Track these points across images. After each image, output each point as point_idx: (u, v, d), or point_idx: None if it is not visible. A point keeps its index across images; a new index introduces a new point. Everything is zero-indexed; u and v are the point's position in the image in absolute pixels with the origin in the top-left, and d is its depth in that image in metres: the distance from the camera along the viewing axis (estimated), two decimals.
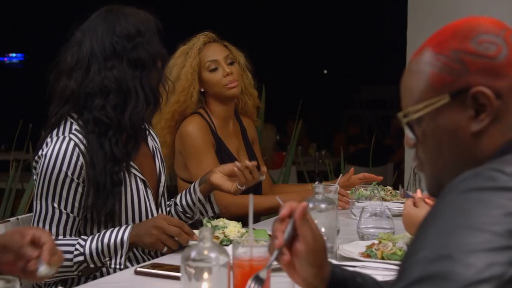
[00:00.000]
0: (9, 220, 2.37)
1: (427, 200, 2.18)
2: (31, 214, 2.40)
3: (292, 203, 1.39)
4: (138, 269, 2.02)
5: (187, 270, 1.44)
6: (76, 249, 2.18)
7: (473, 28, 1.14)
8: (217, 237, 2.27)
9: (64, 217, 2.22)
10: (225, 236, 2.29)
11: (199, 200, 2.57)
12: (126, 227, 2.21)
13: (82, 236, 2.23)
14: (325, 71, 15.72)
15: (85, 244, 2.18)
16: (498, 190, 0.91)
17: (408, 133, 1.19)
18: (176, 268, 1.84)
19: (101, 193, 2.22)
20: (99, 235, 2.21)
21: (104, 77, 2.24)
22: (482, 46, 1.11)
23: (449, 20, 1.20)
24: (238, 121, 3.18)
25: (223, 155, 2.98)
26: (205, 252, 1.44)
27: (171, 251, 2.20)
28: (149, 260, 2.33)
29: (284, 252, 1.36)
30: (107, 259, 2.18)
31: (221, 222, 2.34)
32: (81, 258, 2.18)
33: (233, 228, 2.31)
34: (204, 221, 2.39)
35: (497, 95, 1.09)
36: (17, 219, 2.40)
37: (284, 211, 1.38)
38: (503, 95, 1.09)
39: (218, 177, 2.52)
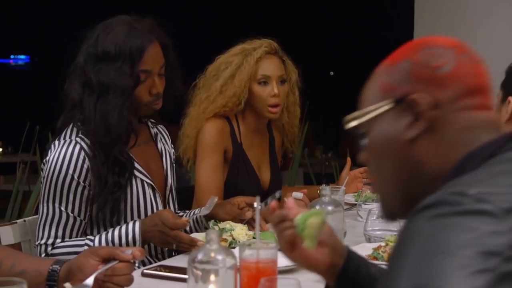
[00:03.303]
0: (16, 222, 2.37)
1: None
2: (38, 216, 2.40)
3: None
4: (145, 271, 2.02)
5: (194, 272, 1.44)
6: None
7: (426, 42, 1.15)
8: (225, 240, 2.27)
9: (71, 220, 2.23)
10: (233, 239, 2.28)
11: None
12: (134, 233, 2.21)
13: (88, 237, 2.24)
14: (332, 73, 15.70)
15: (93, 245, 2.19)
16: (465, 214, 0.89)
17: (359, 144, 1.20)
18: (183, 270, 1.84)
19: (103, 188, 2.22)
20: (106, 235, 2.21)
21: (70, 88, 2.27)
22: (428, 57, 1.12)
23: (456, 22, 1.21)
24: (269, 130, 3.15)
25: (240, 165, 2.97)
26: (212, 254, 1.44)
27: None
28: (156, 262, 2.33)
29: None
30: None
31: (227, 224, 2.34)
32: None
33: (240, 231, 2.31)
34: (211, 224, 2.39)
35: (434, 105, 1.09)
36: (24, 221, 2.40)
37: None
38: (442, 106, 1.09)
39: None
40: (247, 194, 2.83)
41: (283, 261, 1.85)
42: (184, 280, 1.76)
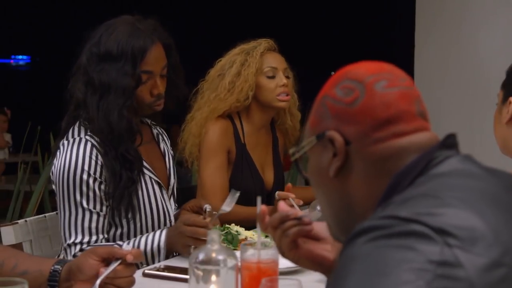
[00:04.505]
0: (17, 222, 2.37)
1: None
2: (40, 216, 2.40)
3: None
4: (146, 271, 2.02)
5: (195, 272, 1.44)
6: None
7: (344, 74, 1.16)
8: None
9: (94, 216, 2.23)
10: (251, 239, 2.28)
11: None
12: (159, 241, 2.22)
13: (118, 242, 2.25)
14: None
15: None
16: (397, 236, 0.91)
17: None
18: (184, 271, 1.84)
19: (118, 183, 2.23)
20: (134, 242, 2.23)
21: (75, 87, 2.26)
22: (342, 92, 1.13)
23: (457, 21, 1.20)
24: (272, 132, 3.15)
25: (244, 166, 2.96)
26: (213, 255, 1.44)
27: None
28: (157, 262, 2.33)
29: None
30: (144, 265, 2.19)
31: (234, 227, 2.35)
32: None
33: (244, 231, 2.32)
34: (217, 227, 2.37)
35: (346, 141, 1.11)
36: (26, 221, 2.40)
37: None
38: (353, 141, 1.10)
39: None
40: (250, 195, 2.83)
41: (284, 262, 1.85)
42: (185, 280, 1.76)
